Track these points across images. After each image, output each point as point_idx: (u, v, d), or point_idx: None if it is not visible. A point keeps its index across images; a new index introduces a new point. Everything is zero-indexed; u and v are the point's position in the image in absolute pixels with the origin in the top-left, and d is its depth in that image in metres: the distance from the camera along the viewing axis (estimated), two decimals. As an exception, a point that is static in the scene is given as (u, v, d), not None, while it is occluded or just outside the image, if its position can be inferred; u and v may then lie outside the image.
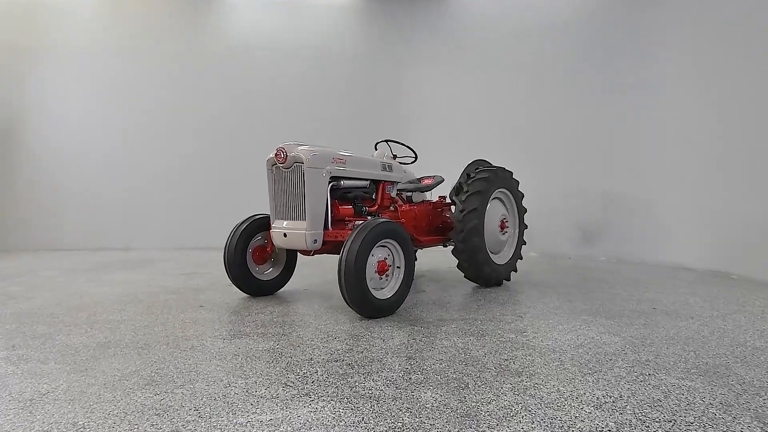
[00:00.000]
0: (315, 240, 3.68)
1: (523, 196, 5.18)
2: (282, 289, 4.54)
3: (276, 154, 3.72)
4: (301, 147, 3.72)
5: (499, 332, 3.10)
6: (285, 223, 3.82)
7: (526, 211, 5.22)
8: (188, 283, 5.02)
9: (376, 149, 4.81)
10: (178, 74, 8.98)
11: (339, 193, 3.96)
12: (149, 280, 5.28)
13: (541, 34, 7.74)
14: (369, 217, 4.16)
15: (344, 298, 3.35)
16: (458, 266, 4.65)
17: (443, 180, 5.11)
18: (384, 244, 3.56)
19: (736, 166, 5.58)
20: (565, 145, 7.47)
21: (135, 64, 8.90)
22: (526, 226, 5.21)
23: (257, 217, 4.27)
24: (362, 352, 2.68)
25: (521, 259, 5.14)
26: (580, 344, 2.84)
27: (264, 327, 3.25)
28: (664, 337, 3.01)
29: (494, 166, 4.85)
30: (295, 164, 3.69)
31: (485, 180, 4.58)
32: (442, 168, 5.63)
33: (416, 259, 5.90)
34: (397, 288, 3.61)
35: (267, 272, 4.40)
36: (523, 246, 5.19)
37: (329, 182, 3.80)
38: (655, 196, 6.62)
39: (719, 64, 5.85)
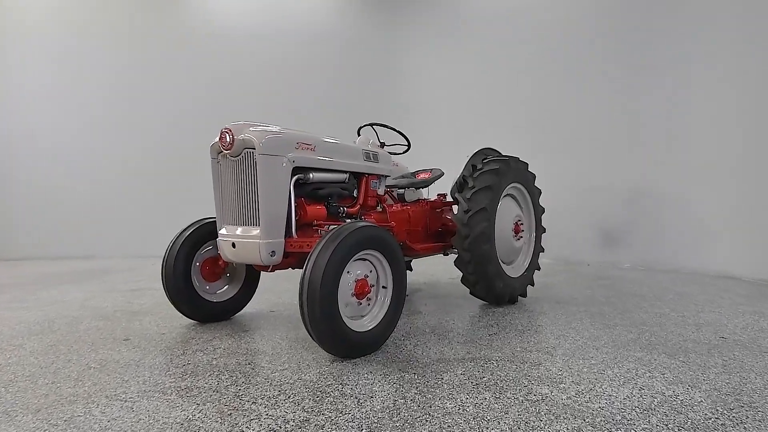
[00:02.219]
0: (272, 252, 2.74)
1: (541, 192, 4.26)
2: (241, 312, 3.62)
3: (220, 138, 2.80)
4: (254, 128, 2.79)
5: (525, 383, 2.17)
6: (233, 229, 2.89)
7: (543, 211, 4.29)
8: (131, 303, 4.09)
9: (359, 135, 3.89)
10: (148, 58, 8.05)
11: (307, 190, 3.04)
12: (86, 298, 4.34)
13: (556, 6, 6.82)
14: (349, 220, 3.24)
15: (308, 332, 2.42)
16: (463, 280, 3.72)
17: (443, 174, 4.19)
18: (364, 256, 2.64)
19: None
20: (582, 134, 6.54)
21: (96, 45, 7.96)
22: (544, 230, 4.29)
23: (207, 220, 3.34)
24: (322, 428, 1.74)
25: (539, 269, 4.22)
26: (647, 407, 1.91)
27: (193, 377, 2.31)
28: (764, 387, 2.09)
29: (505, 156, 3.93)
30: (244, 151, 2.76)
31: (495, 172, 3.67)
32: (442, 160, 4.71)
33: (411, 269, 4.97)
34: (382, 316, 2.69)
35: (220, 291, 3.47)
36: (540, 253, 4.26)
37: (293, 175, 2.87)
38: (691, 193, 5.69)
39: (761, 37, 4.94)
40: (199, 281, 3.35)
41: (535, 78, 6.93)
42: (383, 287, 2.76)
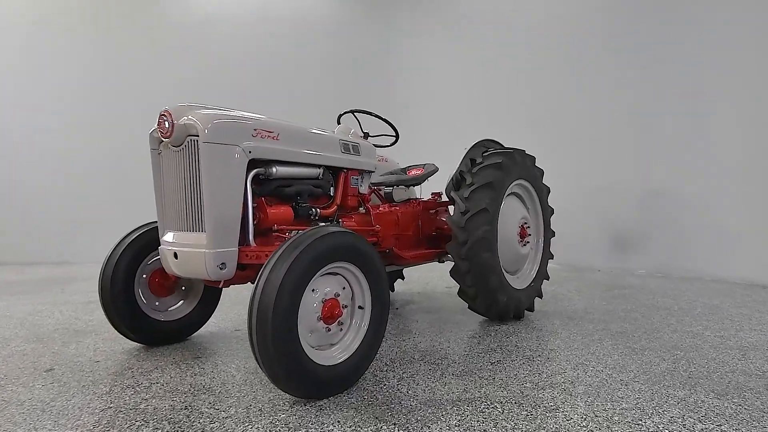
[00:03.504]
0: (222, 264, 2.20)
1: (549, 191, 3.73)
2: (200, 331, 3.08)
3: (158, 123, 2.26)
4: (200, 111, 2.26)
5: (540, 440, 1.64)
6: (176, 236, 2.35)
7: (552, 213, 3.76)
8: (78, 319, 3.55)
9: (339, 123, 3.36)
10: (124, 50, 7.52)
11: (270, 188, 2.50)
12: (32, 312, 3.80)
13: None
14: (322, 224, 2.70)
15: (260, 366, 1.89)
16: (460, 294, 3.19)
17: (437, 170, 3.66)
18: (335, 270, 2.11)
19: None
20: (591, 128, 6.00)
21: (67, 36, 7.43)
22: (553, 233, 3.75)
23: (156, 225, 2.80)
24: None
25: (547, 279, 3.68)
26: (713, 484, 1.37)
27: (108, 428, 1.78)
28: None
29: (509, 148, 3.39)
30: (188, 139, 2.23)
31: (498, 167, 3.13)
32: (438, 156, 4.17)
33: (403, 278, 4.43)
34: (357, 345, 2.15)
35: (173, 308, 2.94)
36: (549, 260, 3.72)
37: (250, 169, 2.34)
38: (712, 193, 5.14)
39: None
40: (147, 297, 2.82)
41: (540, 69, 6.39)
42: (359, 308, 2.22)
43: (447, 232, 3.48)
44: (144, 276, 2.81)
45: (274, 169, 2.45)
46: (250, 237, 2.33)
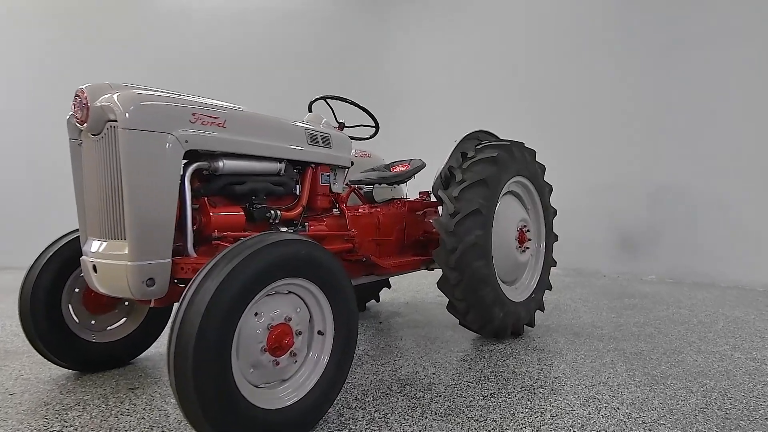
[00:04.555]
0: (149, 279, 1.78)
1: (551, 189, 3.30)
2: (146, 353, 2.65)
3: (72, 106, 1.84)
4: (121, 90, 1.83)
5: None
6: (96, 244, 1.93)
7: (555, 214, 3.33)
8: (16, 336, 3.13)
9: (310, 111, 2.94)
10: (90, 39, 7.08)
11: (216, 186, 2.08)
12: (-31, 328, 3.38)
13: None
14: (284, 229, 2.28)
15: (181, 410, 1.46)
16: (450, 308, 2.76)
17: (424, 165, 3.23)
18: (287, 287, 1.69)
19: None
20: (596, 122, 5.57)
21: (23, 25, 7.00)
22: (556, 237, 3.33)
23: (91, 230, 2.38)
24: None
25: (550, 289, 3.26)
26: None
27: (-28, 502, 1.35)
28: None
29: (505, 140, 2.96)
30: (107, 125, 1.81)
31: (493, 162, 2.71)
32: (432, 152, 3.73)
33: (390, 286, 3.99)
34: (315, 381, 1.74)
35: (112, 327, 2.52)
36: (552, 268, 3.30)
37: (186, 161, 1.92)
38: (730, 190, 4.72)
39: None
40: (80, 314, 2.40)
41: (539, 58, 5.96)
42: (319, 333, 1.80)
43: (436, 236, 3.03)
44: (77, 290, 2.39)
45: (220, 163, 2.03)
46: (189, 246, 1.91)
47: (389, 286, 3.92)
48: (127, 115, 1.73)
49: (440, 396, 2.05)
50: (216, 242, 1.92)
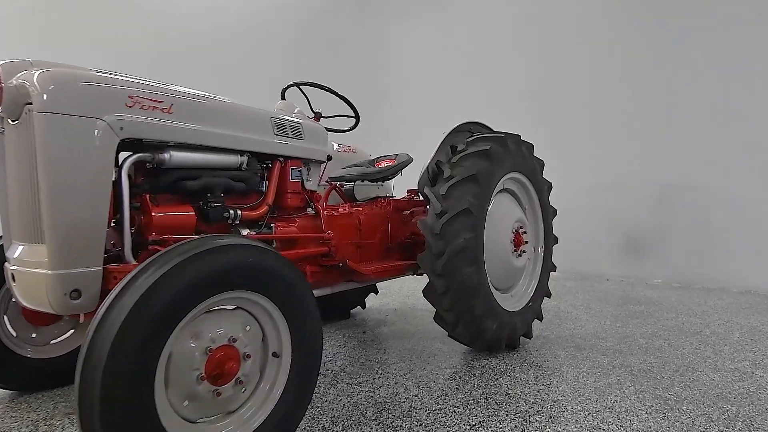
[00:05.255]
0: (73, 291, 1.50)
1: (551, 187, 3.02)
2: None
3: (-13, 85, 1.57)
4: (42, 68, 1.55)
5: None
6: (17, 249, 1.65)
7: (555, 214, 3.06)
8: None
9: (283, 98, 2.67)
10: (61, 24, 6.80)
11: (165, 181, 1.80)
12: None
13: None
14: (246, 232, 2.01)
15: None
16: (437, 319, 2.49)
17: (411, 161, 2.95)
18: (237, 302, 1.42)
19: None
20: (600, 116, 5.28)
21: None
22: (556, 240, 3.05)
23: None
24: None
25: (549, 296, 2.98)
26: None
27: None
28: None
29: (500, 133, 2.68)
30: (25, 108, 1.53)
31: (485, 156, 2.43)
32: (424, 148, 3.46)
33: (376, 293, 3.71)
34: (266, 413, 1.47)
35: (58, 341, 2.25)
36: (551, 273, 3.02)
37: (120, 151, 1.65)
38: (741, 188, 4.43)
39: None
40: (19, 326, 2.13)
41: (541, 49, 5.67)
42: (273, 355, 1.53)
43: (423, 239, 2.76)
44: (14, 299, 2.11)
45: (167, 155, 1.75)
46: (127, 251, 1.64)
47: (376, 292, 3.64)
48: (44, 96, 1.45)
49: (420, 425, 1.77)
50: (152, 247, 1.64)
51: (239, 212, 1.98)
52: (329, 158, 2.63)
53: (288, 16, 6.95)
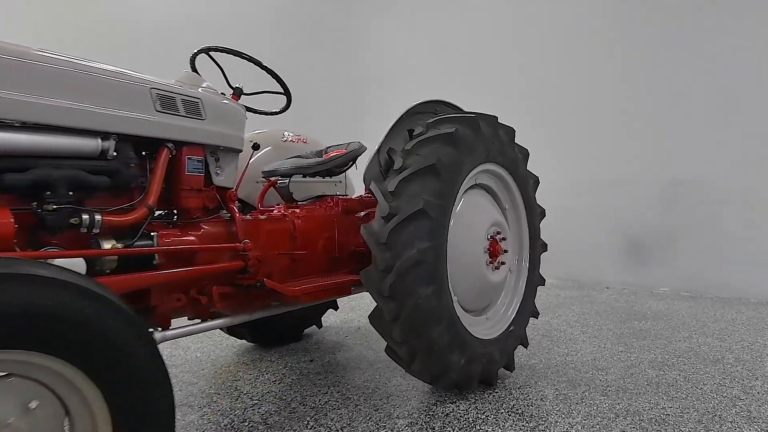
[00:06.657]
0: None
1: (538, 182, 2.47)
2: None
3: None
4: None
5: None
6: None
7: (543, 216, 2.50)
8: None
9: (193, 69, 2.12)
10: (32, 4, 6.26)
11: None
12: None
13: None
14: (110, 245, 1.45)
15: None
16: (388, 351, 1.93)
17: (364, 150, 2.39)
18: (8, 366, 0.86)
19: None
20: (599, 108, 4.72)
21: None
22: (544, 247, 2.49)
23: None
24: None
25: (536, 317, 2.43)
26: None
27: None
28: None
29: (469, 112, 2.13)
30: None
31: (449, 141, 1.88)
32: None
33: (336, 308, 3.14)
34: None
35: None
36: (539, 287, 2.46)
37: None
38: (757, 186, 3.88)
39: None
40: None
41: (540, 48, 5.12)
42: (79, 445, 0.97)
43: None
44: None
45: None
46: None
47: (335, 308, 3.07)
48: None
49: None
50: None
51: (98, 217, 1.42)
52: (256, 147, 2.09)
53: (281, 10, 6.41)
